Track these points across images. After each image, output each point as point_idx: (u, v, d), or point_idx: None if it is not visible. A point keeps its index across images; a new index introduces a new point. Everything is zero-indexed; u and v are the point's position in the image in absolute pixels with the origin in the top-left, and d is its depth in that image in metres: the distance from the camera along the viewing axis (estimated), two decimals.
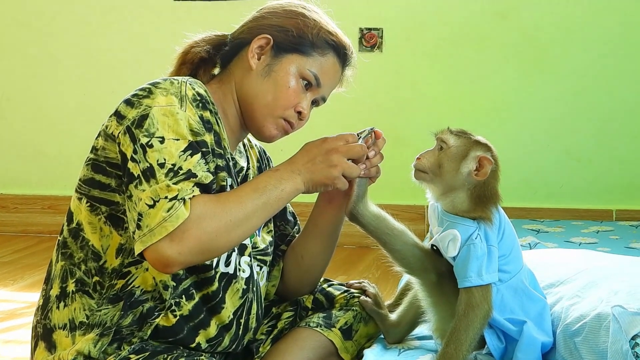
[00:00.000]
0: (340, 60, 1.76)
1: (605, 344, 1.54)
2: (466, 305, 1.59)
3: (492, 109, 3.79)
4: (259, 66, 1.71)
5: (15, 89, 4.12)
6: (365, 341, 1.89)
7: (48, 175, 4.12)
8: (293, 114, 1.72)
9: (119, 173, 1.57)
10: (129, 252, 1.59)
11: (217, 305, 1.66)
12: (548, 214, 3.69)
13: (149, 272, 1.60)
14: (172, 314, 1.61)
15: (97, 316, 1.59)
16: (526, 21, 3.76)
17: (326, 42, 1.73)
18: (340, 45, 1.75)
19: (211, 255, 1.56)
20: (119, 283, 1.59)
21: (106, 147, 1.59)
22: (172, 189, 1.47)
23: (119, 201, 1.59)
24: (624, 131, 3.74)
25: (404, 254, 1.72)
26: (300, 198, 1.70)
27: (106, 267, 1.60)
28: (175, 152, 1.51)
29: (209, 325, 1.65)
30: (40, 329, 1.63)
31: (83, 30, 4.05)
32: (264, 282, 1.84)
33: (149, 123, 1.52)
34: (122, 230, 1.59)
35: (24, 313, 2.79)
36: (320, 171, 1.63)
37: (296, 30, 1.71)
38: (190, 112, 1.55)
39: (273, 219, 1.91)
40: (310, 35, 1.71)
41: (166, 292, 1.60)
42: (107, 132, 1.58)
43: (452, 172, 1.64)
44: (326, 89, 1.76)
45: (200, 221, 1.47)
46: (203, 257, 1.53)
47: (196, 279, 1.63)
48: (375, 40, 3.83)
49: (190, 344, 1.63)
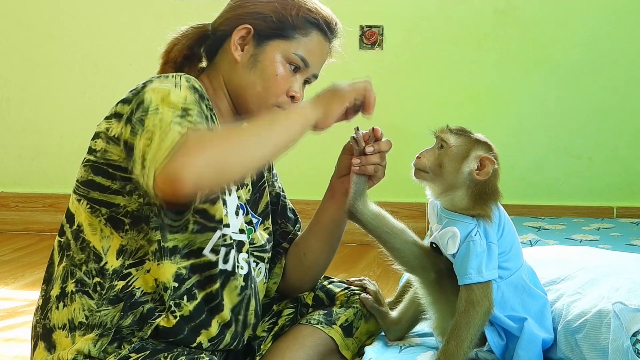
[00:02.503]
0: (325, 35, 1.74)
1: (606, 341, 1.54)
2: (467, 302, 1.59)
3: (492, 107, 3.79)
4: (243, 58, 1.70)
5: (16, 89, 4.13)
6: (365, 338, 1.89)
7: (49, 173, 4.13)
8: (286, 99, 1.71)
9: (122, 175, 1.56)
10: (129, 253, 1.59)
11: (219, 304, 1.65)
12: (549, 211, 3.69)
13: (149, 273, 1.59)
14: (172, 315, 1.60)
15: (96, 317, 1.58)
16: (526, 18, 3.76)
17: (307, 21, 1.71)
18: (322, 21, 1.73)
19: (224, 171, 1.41)
20: (119, 284, 1.59)
21: (108, 149, 1.57)
22: (164, 122, 1.42)
23: (119, 203, 1.58)
24: (624, 128, 3.74)
25: (404, 253, 1.72)
26: (301, 196, 1.70)
27: (107, 269, 1.59)
28: (171, 113, 1.46)
29: (210, 325, 1.65)
30: (40, 329, 1.63)
31: (83, 31, 4.05)
32: (262, 278, 1.84)
33: (144, 105, 1.49)
34: (123, 232, 1.58)
35: (24, 311, 2.79)
36: (328, 98, 1.59)
37: (275, 15, 1.69)
38: (185, 92, 1.52)
39: (273, 217, 1.92)
40: (290, 18, 1.69)
41: (166, 293, 1.59)
42: (109, 134, 1.56)
43: (453, 172, 1.64)
44: (316, 66, 1.74)
45: (201, 136, 1.40)
46: (215, 172, 1.39)
47: (199, 278, 1.63)
48: (375, 37, 3.83)
49: (191, 344, 1.63)
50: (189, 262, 1.61)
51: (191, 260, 1.61)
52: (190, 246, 1.61)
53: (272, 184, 1.94)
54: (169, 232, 1.58)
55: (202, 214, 1.60)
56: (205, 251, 1.62)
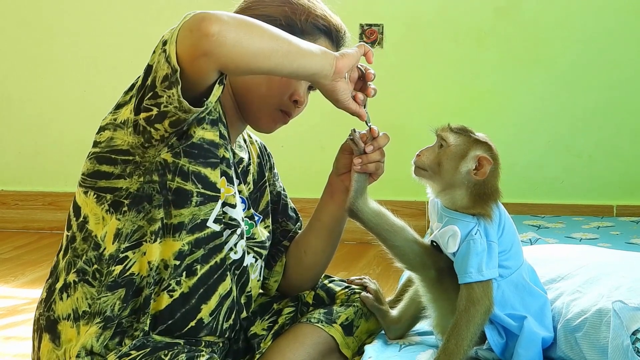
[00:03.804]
0: (332, 42, 1.74)
1: (606, 340, 1.54)
2: (467, 301, 1.59)
3: (492, 105, 3.79)
4: None
5: (16, 87, 4.12)
6: (366, 337, 1.89)
7: (49, 171, 4.13)
8: (289, 103, 1.72)
9: (123, 158, 1.57)
10: (125, 236, 1.59)
11: (223, 273, 1.65)
12: (549, 210, 3.69)
13: (145, 256, 1.59)
14: (168, 294, 1.60)
15: (97, 304, 1.58)
16: (526, 17, 3.75)
17: (316, 27, 1.71)
18: (331, 28, 1.73)
19: (251, 36, 1.41)
20: (116, 269, 1.59)
21: (114, 136, 1.58)
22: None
23: (122, 187, 1.59)
24: (624, 127, 3.74)
25: (404, 251, 1.72)
26: (301, 194, 1.70)
27: (104, 254, 1.59)
28: None
29: (209, 299, 1.64)
30: (44, 321, 1.63)
31: (83, 29, 4.04)
32: (256, 275, 1.84)
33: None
34: (120, 214, 1.58)
35: (25, 310, 2.79)
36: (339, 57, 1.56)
37: (284, 19, 1.69)
38: None
39: (274, 215, 1.92)
40: (299, 23, 1.69)
41: (166, 271, 1.60)
42: (117, 123, 1.57)
43: (451, 171, 1.64)
44: None
45: (219, 14, 1.39)
46: (242, 31, 1.40)
47: (204, 252, 1.62)
48: (375, 36, 3.82)
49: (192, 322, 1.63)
50: (194, 237, 1.61)
51: (196, 234, 1.61)
52: (194, 220, 1.61)
53: (274, 183, 1.95)
54: (173, 208, 1.58)
55: (203, 182, 1.60)
56: (209, 222, 1.63)
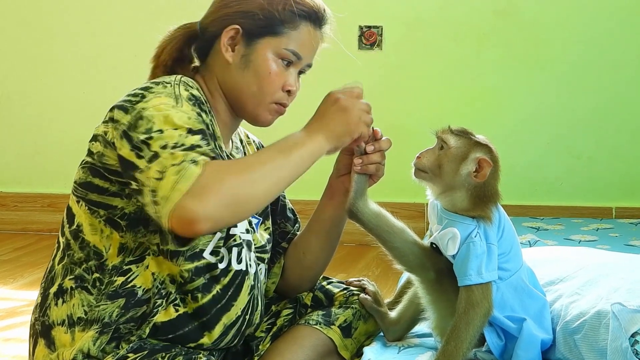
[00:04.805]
0: (315, 24, 1.72)
1: (604, 342, 1.54)
2: (466, 303, 1.59)
3: (492, 106, 3.79)
4: (235, 58, 1.68)
5: (15, 86, 4.12)
6: (364, 339, 1.89)
7: (48, 172, 4.12)
8: (283, 94, 1.70)
9: (119, 180, 1.56)
10: (130, 251, 1.59)
11: (227, 304, 1.66)
12: (548, 212, 3.69)
13: (148, 269, 1.59)
14: (174, 308, 1.60)
15: (95, 312, 1.58)
16: (526, 17, 3.76)
17: (295, 13, 1.68)
18: (310, 12, 1.71)
19: (240, 210, 1.45)
20: (118, 280, 1.59)
21: (105, 153, 1.56)
22: (176, 156, 1.42)
23: (117, 205, 1.58)
24: (624, 128, 3.74)
25: (403, 252, 1.72)
26: (301, 195, 1.70)
27: (107, 265, 1.59)
28: (176, 135, 1.46)
29: (213, 328, 1.65)
30: (39, 326, 1.63)
31: (83, 29, 4.04)
32: (262, 279, 1.84)
33: (145, 123, 1.48)
34: (122, 231, 1.58)
35: (23, 311, 2.78)
36: (336, 120, 1.59)
37: (262, 12, 1.67)
38: (186, 108, 1.52)
39: (273, 217, 1.92)
40: (277, 13, 1.67)
41: (172, 285, 1.60)
42: (107, 138, 1.55)
43: (451, 173, 1.64)
44: (308, 57, 1.72)
45: (216, 174, 1.40)
46: (231, 212, 1.42)
47: (204, 281, 1.62)
48: (374, 38, 3.82)
49: (192, 343, 1.63)
50: (193, 265, 1.61)
51: (195, 262, 1.61)
52: (192, 249, 1.61)
53: None
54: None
55: None
56: (205, 253, 1.63)
